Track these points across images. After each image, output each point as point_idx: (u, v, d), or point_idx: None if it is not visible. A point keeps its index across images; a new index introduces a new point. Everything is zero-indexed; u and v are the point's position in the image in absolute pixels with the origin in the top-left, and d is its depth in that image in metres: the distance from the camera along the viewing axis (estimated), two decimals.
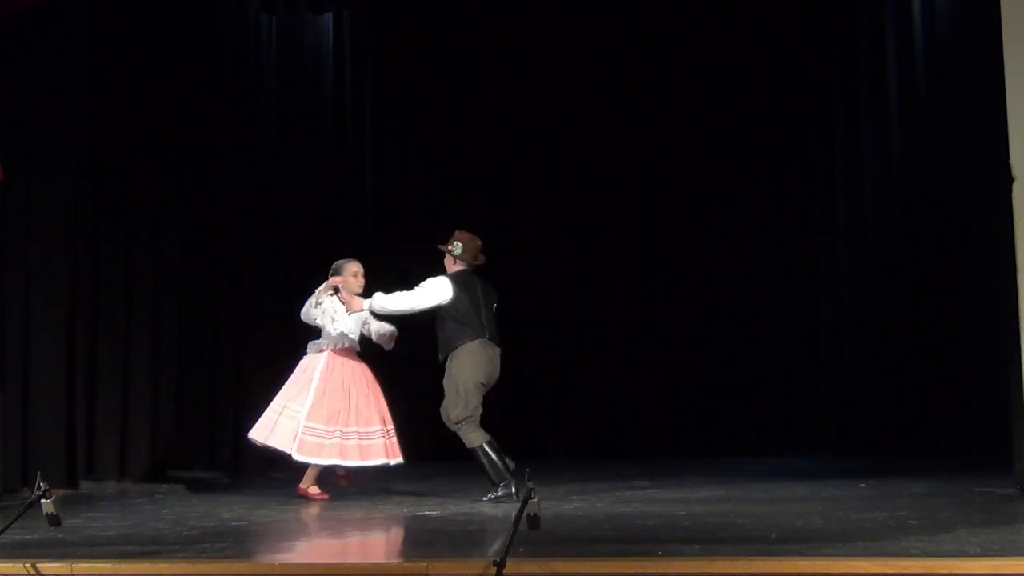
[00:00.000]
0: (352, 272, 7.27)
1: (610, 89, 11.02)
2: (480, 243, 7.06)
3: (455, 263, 7.01)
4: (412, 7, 10.81)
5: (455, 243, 7.01)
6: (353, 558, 4.78)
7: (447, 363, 6.89)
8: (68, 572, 4.59)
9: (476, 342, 6.80)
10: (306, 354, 7.30)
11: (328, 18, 10.79)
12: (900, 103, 10.39)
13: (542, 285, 10.76)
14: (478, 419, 6.77)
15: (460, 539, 5.49)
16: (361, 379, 7.24)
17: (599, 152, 11.03)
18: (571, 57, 10.95)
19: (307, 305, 7.13)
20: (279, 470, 9.42)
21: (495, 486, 6.67)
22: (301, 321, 7.29)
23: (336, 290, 7.11)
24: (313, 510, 6.70)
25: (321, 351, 7.23)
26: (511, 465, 6.71)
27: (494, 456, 6.68)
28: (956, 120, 9.48)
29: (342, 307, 7.15)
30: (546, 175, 10.95)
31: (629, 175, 10.99)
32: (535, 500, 4.51)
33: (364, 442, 7.08)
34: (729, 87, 10.89)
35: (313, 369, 7.16)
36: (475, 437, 6.71)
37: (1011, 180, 6.35)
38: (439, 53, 11.13)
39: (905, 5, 10.31)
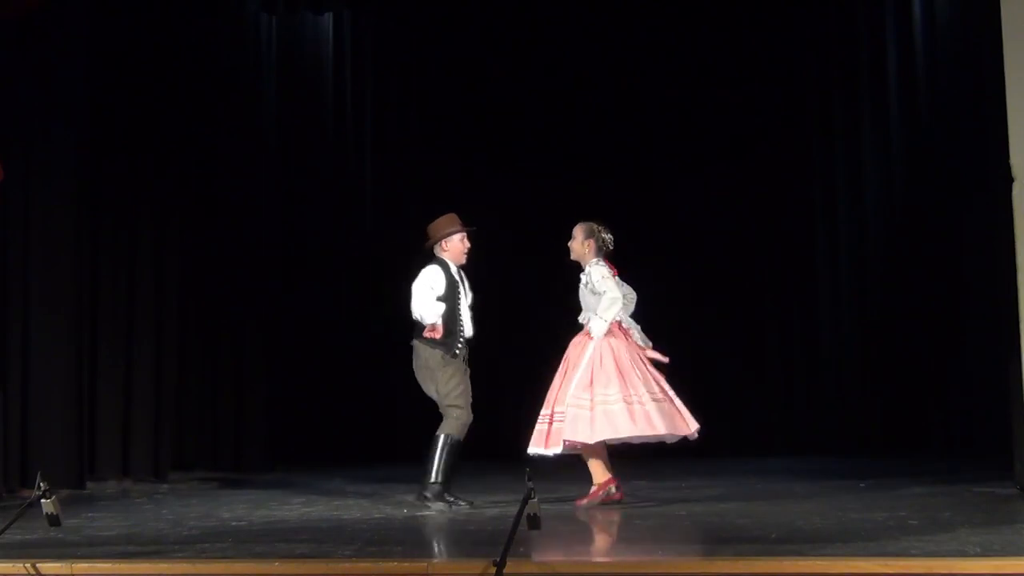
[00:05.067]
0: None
1: (609, 88, 11.03)
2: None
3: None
4: (412, 7, 10.81)
5: None
6: (353, 558, 4.78)
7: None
8: (68, 572, 4.59)
9: None
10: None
11: (328, 18, 10.80)
12: (900, 103, 10.39)
13: (543, 285, 10.75)
14: None
15: (460, 539, 5.49)
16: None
17: (598, 154, 11.02)
18: (571, 56, 10.96)
19: None
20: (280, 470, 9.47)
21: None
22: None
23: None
24: (313, 510, 6.69)
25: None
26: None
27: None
28: (956, 120, 9.48)
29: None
30: (546, 175, 10.95)
31: (628, 174, 10.99)
32: (535, 500, 4.51)
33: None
34: (728, 87, 10.88)
35: None
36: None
37: (1011, 180, 6.36)
38: (439, 53, 11.14)
39: (905, 5, 10.31)
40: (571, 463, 6.92)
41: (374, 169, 11.27)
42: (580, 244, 6.94)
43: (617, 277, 6.86)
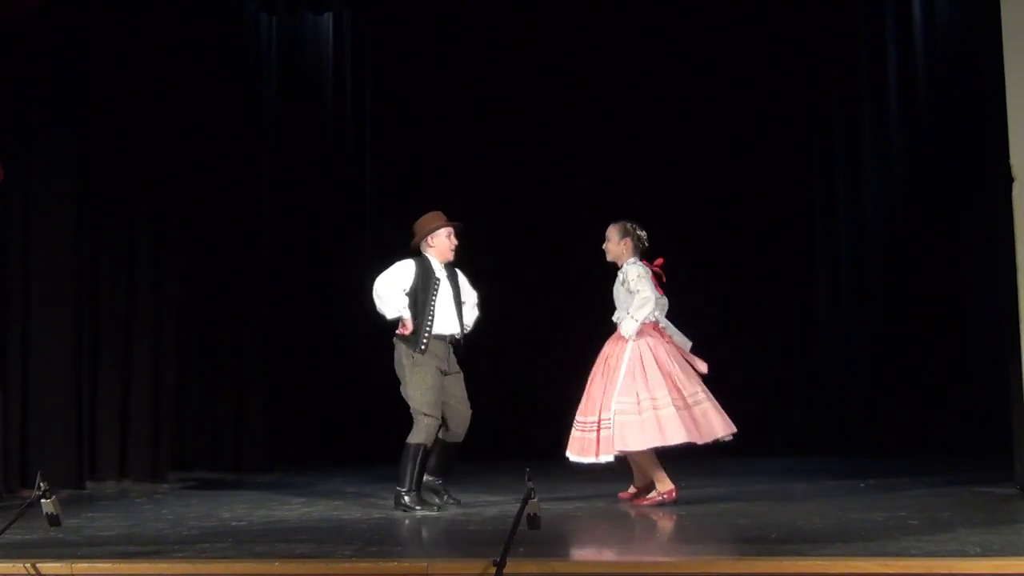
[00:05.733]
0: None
1: (609, 88, 11.02)
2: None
3: None
4: (412, 7, 10.81)
5: None
6: (353, 558, 4.78)
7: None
8: (68, 572, 4.60)
9: None
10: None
11: (328, 18, 10.80)
12: (900, 103, 10.39)
13: (544, 285, 10.75)
14: None
15: (460, 539, 5.49)
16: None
17: (598, 154, 11.01)
18: (571, 56, 10.95)
19: None
20: (279, 470, 9.47)
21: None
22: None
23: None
24: (313, 510, 6.69)
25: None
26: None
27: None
28: (956, 120, 9.48)
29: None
30: (546, 175, 10.94)
31: (628, 174, 10.97)
32: (535, 500, 4.51)
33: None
34: (728, 87, 10.87)
35: None
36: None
37: (1011, 180, 6.36)
38: (439, 53, 11.13)
39: (905, 5, 10.31)
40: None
41: (374, 169, 11.26)
42: (616, 244, 6.95)
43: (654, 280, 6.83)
